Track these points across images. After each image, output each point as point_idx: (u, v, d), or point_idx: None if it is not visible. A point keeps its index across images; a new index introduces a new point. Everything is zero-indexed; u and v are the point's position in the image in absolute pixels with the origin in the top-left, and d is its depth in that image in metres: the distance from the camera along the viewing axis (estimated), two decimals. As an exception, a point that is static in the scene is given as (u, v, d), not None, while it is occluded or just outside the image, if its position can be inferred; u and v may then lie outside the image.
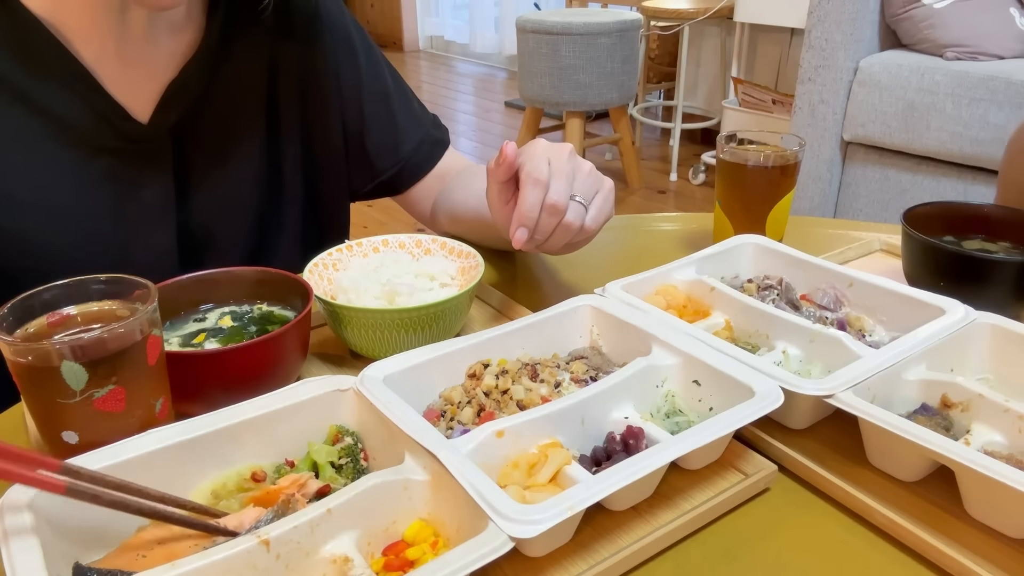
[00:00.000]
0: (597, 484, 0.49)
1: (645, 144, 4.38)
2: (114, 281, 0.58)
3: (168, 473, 0.52)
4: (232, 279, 0.73)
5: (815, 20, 2.40)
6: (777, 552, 0.53)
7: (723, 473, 0.58)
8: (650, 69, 4.15)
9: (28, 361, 0.52)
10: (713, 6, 3.39)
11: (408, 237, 0.83)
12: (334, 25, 0.92)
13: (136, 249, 0.80)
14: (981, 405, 0.59)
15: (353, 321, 0.70)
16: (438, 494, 0.51)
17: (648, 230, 1.09)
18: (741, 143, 0.92)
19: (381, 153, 0.97)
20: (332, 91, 0.93)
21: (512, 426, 0.55)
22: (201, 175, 0.84)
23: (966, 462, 0.50)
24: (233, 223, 0.87)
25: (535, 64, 3.35)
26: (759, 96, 3.29)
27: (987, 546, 0.52)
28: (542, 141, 0.72)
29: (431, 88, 5.71)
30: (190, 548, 0.48)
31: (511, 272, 0.94)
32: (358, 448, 0.58)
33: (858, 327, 0.72)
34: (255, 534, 0.46)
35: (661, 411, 0.62)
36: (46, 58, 0.73)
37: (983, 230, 0.83)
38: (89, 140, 0.77)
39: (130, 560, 0.48)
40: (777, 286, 0.77)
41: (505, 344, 0.66)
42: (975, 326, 0.66)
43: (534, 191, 0.67)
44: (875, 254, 0.94)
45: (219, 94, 0.84)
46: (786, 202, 0.90)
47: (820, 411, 0.63)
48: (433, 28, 6.78)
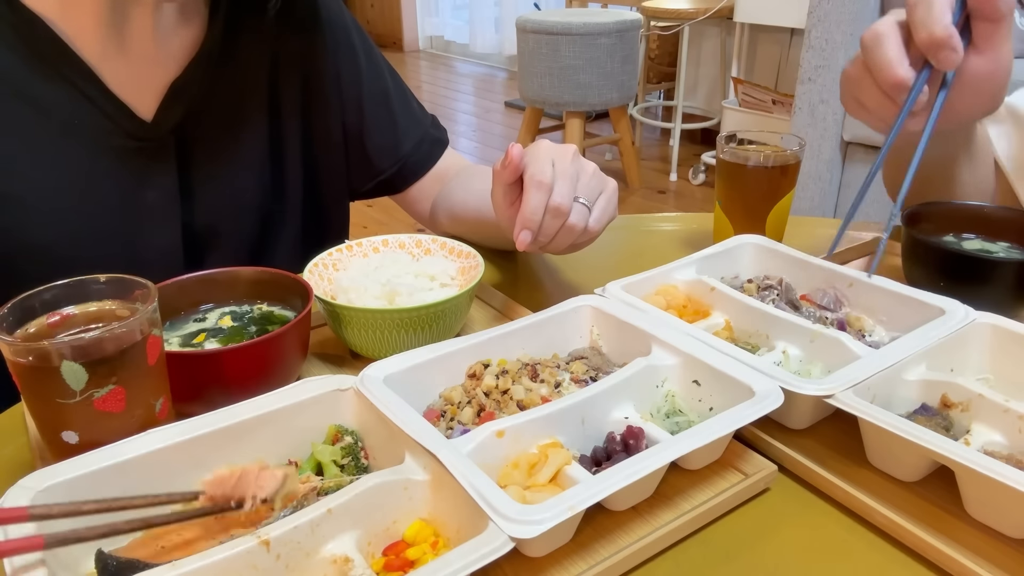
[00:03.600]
0: (597, 484, 0.49)
1: (645, 144, 4.38)
2: (114, 281, 0.58)
3: (168, 473, 0.52)
4: (232, 279, 0.73)
5: (815, 20, 2.40)
6: (777, 552, 0.53)
7: (723, 473, 0.58)
8: (650, 69, 4.16)
9: (28, 361, 0.52)
10: (713, 6, 3.39)
11: (408, 237, 0.83)
12: (334, 25, 0.93)
13: (141, 247, 0.81)
14: (981, 405, 0.59)
15: (353, 321, 0.70)
16: (438, 494, 0.51)
17: (648, 230, 1.09)
18: (741, 143, 0.92)
19: (381, 152, 0.98)
20: (333, 90, 0.93)
21: (512, 426, 0.55)
22: (204, 173, 0.84)
23: (966, 462, 0.50)
24: (236, 220, 0.88)
25: (535, 64, 3.35)
26: (759, 96, 3.29)
27: (987, 546, 0.52)
28: (546, 143, 0.72)
29: (431, 88, 5.71)
30: (207, 541, 0.49)
31: (511, 272, 0.94)
32: (358, 447, 0.58)
33: (858, 327, 0.72)
34: (255, 534, 0.46)
35: (661, 411, 0.62)
36: (49, 56, 0.74)
37: (983, 230, 0.83)
38: (93, 138, 0.77)
39: (151, 550, 0.48)
40: (777, 286, 0.77)
41: (505, 344, 0.66)
42: (975, 326, 0.66)
43: (538, 193, 0.67)
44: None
45: (222, 92, 0.84)
46: (786, 202, 0.90)
47: (820, 411, 0.63)
48: (433, 28, 6.79)
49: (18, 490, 0.48)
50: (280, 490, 0.51)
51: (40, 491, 0.48)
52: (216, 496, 0.50)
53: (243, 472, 0.51)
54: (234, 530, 0.50)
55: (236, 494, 0.50)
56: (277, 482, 0.51)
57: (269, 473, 0.51)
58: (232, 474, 0.50)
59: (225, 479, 0.50)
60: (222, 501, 0.50)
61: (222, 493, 0.50)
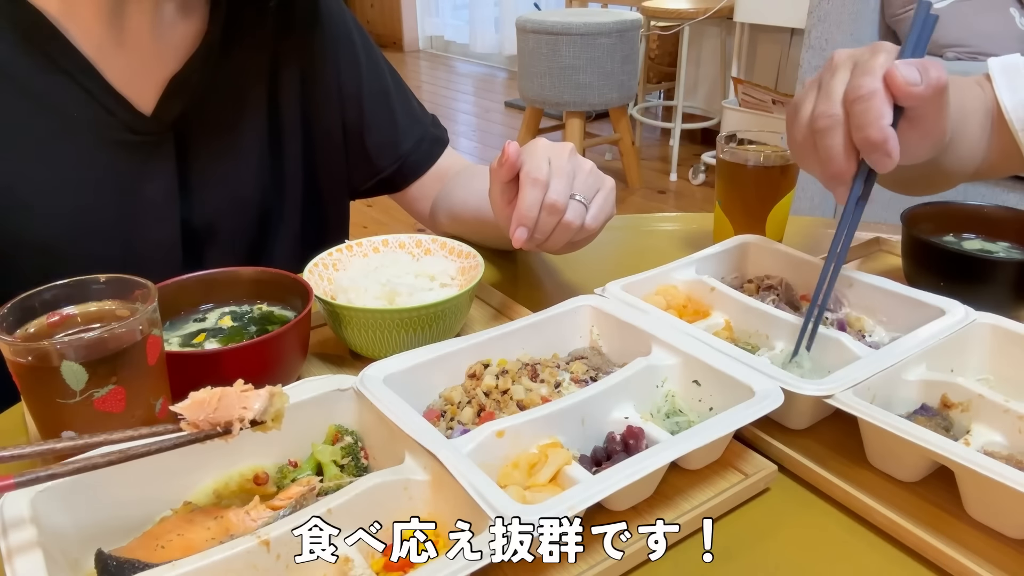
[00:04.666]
0: (597, 484, 0.49)
1: (645, 144, 4.38)
2: (114, 281, 0.58)
3: (168, 473, 0.52)
4: (232, 279, 0.73)
5: (815, 20, 2.40)
6: (777, 552, 0.53)
7: (723, 473, 0.58)
8: (650, 69, 4.16)
9: (28, 361, 0.52)
10: (713, 6, 3.39)
11: (408, 237, 0.83)
12: (334, 23, 0.93)
13: (139, 241, 0.81)
14: (981, 405, 0.59)
15: (353, 321, 0.70)
16: (438, 494, 0.51)
17: (648, 230, 1.09)
18: (741, 143, 0.92)
19: (381, 150, 0.98)
20: (332, 88, 0.93)
21: (512, 426, 0.55)
22: (204, 168, 0.84)
23: (966, 462, 0.50)
24: (235, 217, 0.88)
25: (535, 64, 3.35)
26: (759, 96, 3.29)
27: (987, 546, 0.52)
28: (543, 140, 0.72)
29: (431, 88, 5.71)
30: (207, 541, 0.49)
31: (511, 272, 0.94)
32: (358, 447, 0.58)
33: (858, 327, 0.72)
34: (255, 534, 0.46)
35: (661, 411, 0.62)
36: (48, 50, 0.74)
37: (983, 230, 0.83)
38: (92, 132, 0.77)
39: (150, 550, 0.48)
40: (777, 286, 0.77)
41: (505, 344, 0.66)
42: (975, 326, 0.66)
43: (533, 190, 0.67)
44: (875, 254, 0.94)
45: (222, 88, 0.84)
46: (786, 202, 0.90)
47: (820, 411, 0.63)
48: (433, 28, 6.79)
49: (18, 492, 0.48)
50: (269, 408, 0.48)
51: (40, 491, 0.48)
52: (199, 422, 0.47)
53: (223, 393, 0.47)
54: (234, 531, 0.50)
55: (219, 419, 0.47)
56: (263, 400, 0.48)
57: (252, 392, 0.48)
58: (212, 396, 0.47)
59: (204, 402, 0.47)
60: (206, 427, 0.47)
61: (204, 418, 0.47)
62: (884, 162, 0.60)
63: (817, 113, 0.62)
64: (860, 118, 0.59)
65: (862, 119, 0.59)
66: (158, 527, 0.50)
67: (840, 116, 0.61)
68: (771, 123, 3.18)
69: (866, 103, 0.59)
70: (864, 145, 0.60)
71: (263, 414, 0.47)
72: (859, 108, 0.59)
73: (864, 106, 0.59)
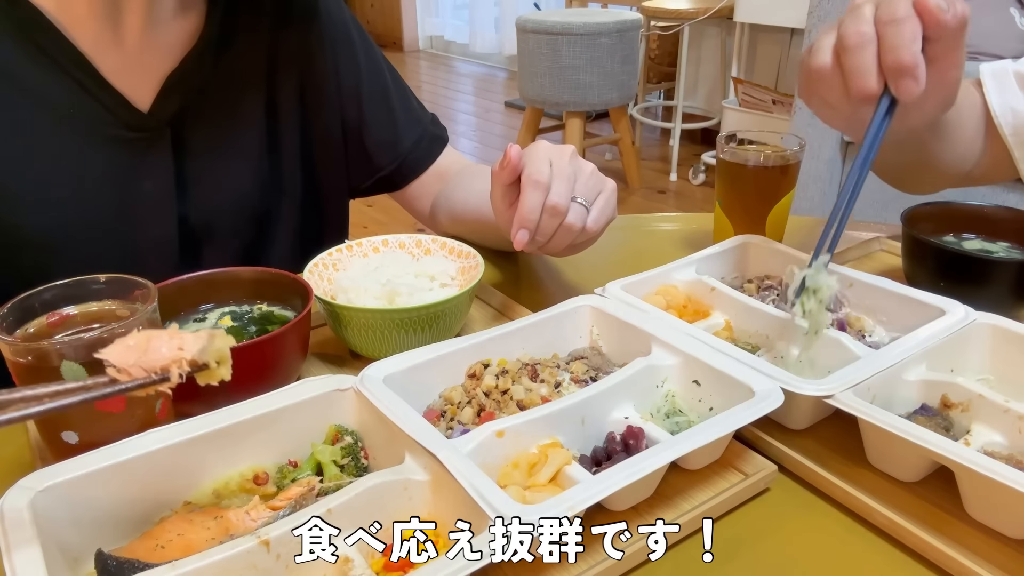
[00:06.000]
0: (597, 484, 0.49)
1: (645, 144, 4.38)
2: (114, 281, 0.58)
3: (168, 473, 0.52)
4: (232, 279, 0.73)
5: (815, 20, 2.40)
6: (777, 552, 0.53)
7: (723, 473, 0.58)
8: (650, 69, 4.16)
9: (28, 361, 0.52)
10: (713, 6, 3.39)
11: (408, 237, 0.83)
12: (333, 22, 0.93)
13: (136, 238, 0.81)
14: (981, 405, 0.59)
15: (353, 321, 0.70)
16: (438, 494, 0.51)
17: (648, 230, 1.09)
18: (741, 143, 0.92)
19: (380, 148, 0.98)
20: (331, 87, 0.93)
21: (512, 426, 0.55)
22: (201, 165, 0.84)
23: (966, 462, 0.50)
24: (233, 214, 0.87)
25: (535, 64, 3.35)
26: (759, 96, 3.29)
27: (987, 546, 0.52)
28: (544, 143, 0.72)
29: (431, 88, 5.71)
30: (207, 541, 0.49)
31: (512, 272, 0.94)
32: (358, 447, 0.58)
33: (858, 327, 0.72)
34: (255, 534, 0.46)
35: (661, 411, 0.62)
36: (45, 46, 0.74)
37: (983, 230, 0.83)
38: (89, 128, 0.77)
39: (149, 550, 0.48)
40: (777, 286, 0.77)
41: (505, 344, 0.66)
42: (975, 326, 0.66)
43: (535, 193, 0.67)
44: (875, 254, 0.94)
45: (219, 85, 0.84)
46: (786, 202, 0.90)
47: (820, 411, 0.63)
48: (433, 28, 6.78)
49: (18, 490, 0.48)
50: (209, 347, 0.44)
51: (40, 491, 0.48)
52: (128, 368, 0.43)
53: (151, 335, 0.44)
54: (234, 531, 0.50)
55: (153, 363, 0.43)
56: (202, 339, 0.44)
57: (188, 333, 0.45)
58: (139, 338, 0.43)
59: (130, 348, 0.43)
60: (139, 374, 0.44)
61: (136, 363, 0.43)
62: (911, 87, 0.59)
63: (848, 31, 0.61)
64: (893, 39, 0.59)
65: (895, 40, 0.59)
66: (158, 527, 0.50)
67: (872, 34, 0.60)
68: (771, 123, 3.18)
69: (899, 26, 0.59)
70: (894, 68, 0.59)
71: (203, 354, 0.43)
72: (892, 30, 0.59)
73: (897, 28, 0.59)
